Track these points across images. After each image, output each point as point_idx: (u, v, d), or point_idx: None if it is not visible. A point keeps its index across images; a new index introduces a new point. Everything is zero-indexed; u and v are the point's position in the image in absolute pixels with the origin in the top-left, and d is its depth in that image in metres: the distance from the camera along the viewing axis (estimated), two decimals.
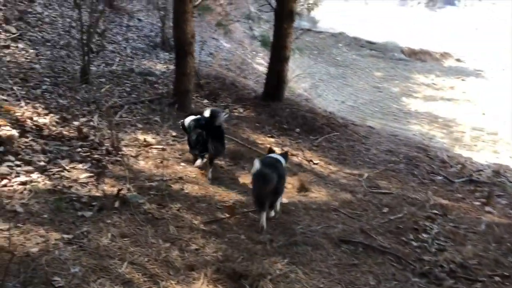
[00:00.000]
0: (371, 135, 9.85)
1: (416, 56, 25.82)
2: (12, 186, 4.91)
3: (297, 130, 9.02)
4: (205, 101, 10.58)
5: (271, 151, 5.62)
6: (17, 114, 6.68)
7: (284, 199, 5.67)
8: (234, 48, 17.48)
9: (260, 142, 8.07)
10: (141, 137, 7.25)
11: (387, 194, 6.30)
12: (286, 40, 9.92)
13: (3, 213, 4.27)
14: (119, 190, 4.97)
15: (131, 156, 6.46)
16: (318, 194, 6.02)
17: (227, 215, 5.00)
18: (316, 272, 4.03)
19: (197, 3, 9.34)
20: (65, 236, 4.06)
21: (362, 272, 4.14)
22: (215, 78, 11.27)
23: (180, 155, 6.88)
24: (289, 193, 5.96)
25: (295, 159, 7.44)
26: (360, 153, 8.20)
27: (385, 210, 5.70)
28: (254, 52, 18.28)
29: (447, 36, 25.76)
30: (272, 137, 8.53)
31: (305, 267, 4.08)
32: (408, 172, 7.57)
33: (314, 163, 7.40)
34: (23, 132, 6.26)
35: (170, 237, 4.36)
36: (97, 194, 4.98)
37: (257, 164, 4.64)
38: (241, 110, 10.09)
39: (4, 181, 4.97)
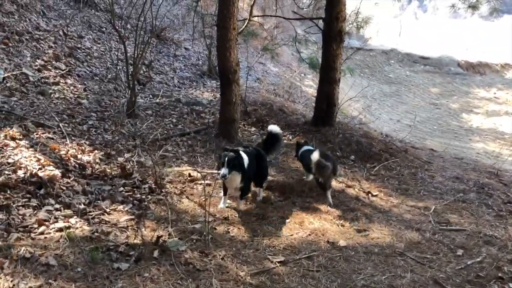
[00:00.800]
0: (434, 159, 9.00)
1: (474, 69, 24.42)
2: (49, 233, 4.64)
3: (352, 157, 8.36)
4: (253, 129, 10.17)
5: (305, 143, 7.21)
6: (61, 152, 6.53)
7: (342, 241, 5.06)
8: (281, 72, 17.13)
9: None
10: (185, 172, 6.90)
11: (460, 231, 5.51)
12: (335, 61, 9.37)
13: (35, 267, 3.96)
14: (159, 237, 4.56)
15: (175, 193, 6.09)
16: (380, 233, 5.33)
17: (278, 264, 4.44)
18: None
19: (241, 29, 9.03)
20: None
21: None
22: (262, 105, 10.87)
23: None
24: (347, 233, 5.33)
25: (351, 191, 6.79)
26: (424, 181, 7.40)
27: (460, 252, 4.93)
28: (302, 75, 17.85)
29: (506, 47, 24.18)
30: None
31: None
32: (481, 202, 6.69)
33: (373, 195, 6.71)
34: (66, 172, 6.06)
35: None
36: (136, 241, 4.59)
37: (316, 154, 6.03)
38: (290, 138, 9.57)
39: (42, 228, 4.71)
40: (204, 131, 8.97)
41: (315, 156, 6.06)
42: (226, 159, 5.18)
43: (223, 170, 5.22)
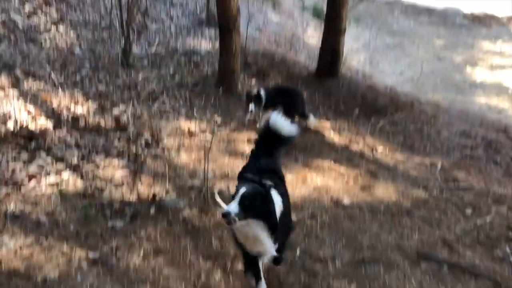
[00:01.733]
0: (440, 114, 8.67)
1: (480, 21, 23.63)
2: (41, 189, 4.42)
3: (356, 111, 8.05)
4: (254, 80, 9.80)
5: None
6: (53, 103, 6.23)
7: (346, 199, 4.86)
8: (283, 21, 16.46)
9: (313, 126, 7.21)
10: (184, 125, 6.62)
11: (468, 190, 5.30)
12: (341, 9, 8.86)
13: (25, 225, 3.77)
14: (155, 195, 4.35)
15: (173, 148, 5.83)
16: (385, 191, 5.13)
17: None
18: None
19: None
20: (91, 254, 3.49)
21: None
22: (263, 55, 10.40)
23: (226, 145, 6.20)
24: (351, 191, 5.13)
25: (355, 147, 6.55)
26: (430, 137, 7.13)
27: (469, 211, 4.74)
28: (305, 25, 17.18)
29: None
30: (327, 120, 7.63)
31: None
32: (489, 159, 6.45)
33: (378, 151, 6.47)
34: (58, 124, 5.78)
35: (213, 253, 3.69)
36: (132, 198, 4.39)
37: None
38: None
39: (33, 183, 4.50)
40: (202, 82, 8.60)
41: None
42: (240, 194, 2.80)
43: (232, 207, 2.79)
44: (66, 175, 4.75)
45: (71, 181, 4.61)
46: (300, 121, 6.64)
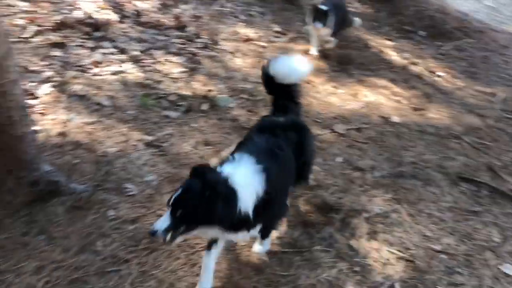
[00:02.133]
0: None
1: None
2: (103, 75, 4.69)
3: (421, 33, 7.66)
4: None
5: None
6: None
7: (395, 117, 4.84)
8: None
9: (374, 44, 6.98)
10: (241, 30, 6.61)
11: None
12: None
13: (89, 105, 4.08)
14: (208, 91, 4.52)
15: (228, 51, 5.90)
16: (438, 114, 5.04)
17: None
18: (424, 216, 3.32)
19: None
20: (147, 137, 3.77)
21: (483, 223, 3.33)
22: None
23: (281, 54, 6.18)
24: (402, 110, 5.08)
25: (414, 68, 6.34)
26: (496, 66, 6.75)
27: None
28: None
29: None
30: (389, 39, 7.33)
31: (411, 207, 3.39)
32: None
33: (438, 76, 6.24)
34: (123, 17, 5.97)
35: None
36: (187, 93, 4.58)
37: None
38: (357, 5, 8.82)
39: (96, 69, 4.77)
40: None
41: None
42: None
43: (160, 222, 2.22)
44: (128, 65, 4.98)
45: (131, 71, 4.84)
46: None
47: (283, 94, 3.07)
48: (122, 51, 5.25)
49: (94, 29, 5.41)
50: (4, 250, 2.52)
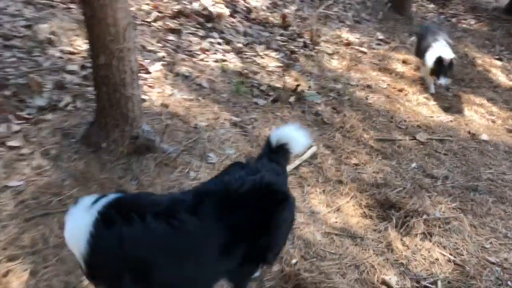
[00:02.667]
0: None
1: None
2: (207, 61, 5.21)
3: None
4: (431, 6, 9.28)
5: None
6: None
7: (485, 135, 4.73)
8: None
9: (480, 62, 6.76)
10: (344, 35, 6.83)
11: None
12: None
13: (191, 85, 4.60)
14: (298, 85, 4.83)
15: (327, 53, 6.16)
16: None
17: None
18: (487, 229, 3.30)
19: None
20: (234, 118, 4.18)
21: None
22: None
23: (379, 61, 6.29)
24: (495, 130, 4.94)
25: None
26: None
27: None
28: None
29: None
30: (499, 59, 7.05)
31: (476, 219, 3.39)
32: None
33: None
34: (234, 12, 6.51)
35: (333, 144, 4.10)
36: (278, 85, 4.94)
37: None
38: (472, 22, 8.56)
39: (202, 56, 5.32)
40: None
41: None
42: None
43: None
44: (230, 55, 5.47)
45: (232, 61, 5.31)
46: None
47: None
48: (228, 42, 5.77)
49: (206, 20, 6.00)
50: (103, 187, 3.05)
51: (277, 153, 2.36)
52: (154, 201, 2.01)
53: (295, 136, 2.39)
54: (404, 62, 6.38)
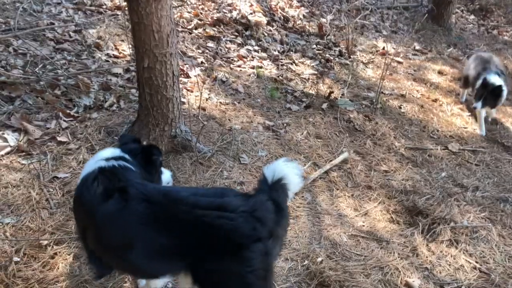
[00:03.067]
0: None
1: None
2: (244, 68, 5.40)
3: None
4: (471, 17, 9.18)
5: None
6: (272, 2, 7.12)
7: None
8: None
9: None
10: (380, 44, 6.88)
11: None
12: None
13: (228, 89, 4.79)
14: (331, 92, 4.94)
15: (362, 62, 6.24)
16: None
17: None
18: None
19: None
20: (267, 122, 4.33)
21: None
22: None
23: (415, 71, 6.31)
24: None
25: None
26: None
27: None
28: None
29: None
30: None
31: (504, 230, 3.38)
32: None
33: None
34: (271, 21, 6.69)
35: (363, 151, 4.18)
36: (311, 91, 5.06)
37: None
38: None
39: (239, 62, 5.51)
40: (414, 8, 8.49)
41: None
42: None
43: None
44: (266, 62, 5.64)
45: (268, 68, 5.48)
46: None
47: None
48: (265, 49, 5.95)
49: (245, 28, 6.20)
50: None
51: (277, 190, 2.05)
52: (138, 185, 2.04)
53: (290, 173, 2.08)
54: (440, 72, 6.38)
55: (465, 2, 9.49)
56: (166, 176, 2.58)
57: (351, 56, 6.28)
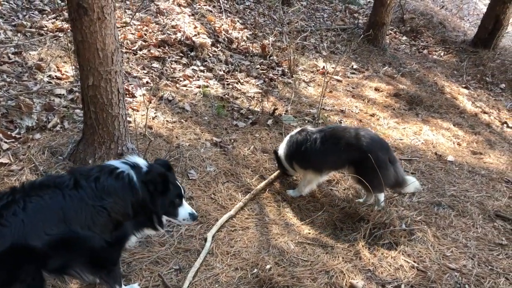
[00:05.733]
0: None
1: None
2: (190, 87, 5.49)
3: (502, 86, 7.72)
4: (404, 38, 9.80)
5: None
6: (216, 25, 7.29)
7: (451, 156, 5.04)
8: None
9: (448, 90, 7.18)
10: (320, 64, 7.20)
11: None
12: None
13: (174, 108, 4.85)
14: (275, 109, 5.12)
15: (303, 81, 6.50)
16: (496, 160, 5.16)
17: None
18: (449, 240, 3.55)
19: None
20: (215, 138, 4.43)
21: (507, 255, 3.47)
22: (421, 14, 10.23)
23: (353, 88, 6.65)
24: (460, 151, 5.27)
25: (484, 117, 6.46)
26: None
27: None
28: None
29: None
30: (466, 88, 7.50)
31: (438, 231, 3.64)
32: None
33: (508, 126, 6.30)
34: (216, 42, 6.84)
35: None
36: (257, 109, 5.22)
37: None
38: (442, 54, 9.06)
39: (186, 82, 5.59)
40: (351, 30, 8.96)
41: None
42: None
43: None
44: (212, 82, 5.76)
45: (214, 87, 5.60)
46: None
47: None
48: (210, 69, 6.08)
49: (190, 49, 6.31)
50: None
51: None
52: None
53: None
54: (377, 89, 6.76)
55: (397, 24, 10.12)
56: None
57: (294, 75, 6.54)
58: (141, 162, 2.43)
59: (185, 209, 2.56)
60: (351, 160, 3.57)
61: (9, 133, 3.76)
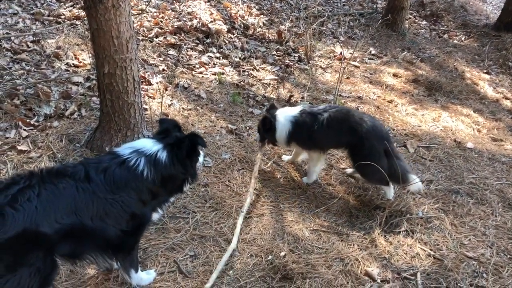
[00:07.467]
0: None
1: None
2: (206, 74, 5.48)
3: None
4: (424, 22, 9.60)
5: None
6: (232, 11, 7.24)
7: (470, 143, 4.95)
8: None
9: (469, 76, 7.03)
10: (338, 49, 7.11)
11: None
12: None
13: (190, 95, 4.86)
14: (291, 96, 5.09)
15: (320, 67, 6.43)
16: None
17: None
18: (467, 228, 3.50)
19: None
20: (230, 126, 4.42)
21: None
22: None
23: (371, 74, 6.56)
24: (479, 138, 5.16)
25: (506, 103, 6.32)
26: None
27: None
28: None
29: None
30: (488, 73, 7.32)
31: (456, 219, 3.59)
32: None
33: None
34: (231, 29, 6.80)
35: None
36: (272, 96, 5.19)
37: None
38: (462, 38, 8.85)
39: (202, 69, 5.59)
40: (369, 15, 8.81)
41: None
42: None
43: None
44: (228, 69, 5.74)
45: (230, 74, 5.58)
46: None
47: None
48: (226, 56, 6.05)
49: (205, 36, 6.29)
50: None
51: None
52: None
53: None
54: (395, 75, 6.65)
55: (417, 8, 9.91)
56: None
57: (310, 62, 6.47)
58: (150, 142, 2.48)
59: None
60: (348, 142, 3.56)
61: (28, 120, 3.82)
